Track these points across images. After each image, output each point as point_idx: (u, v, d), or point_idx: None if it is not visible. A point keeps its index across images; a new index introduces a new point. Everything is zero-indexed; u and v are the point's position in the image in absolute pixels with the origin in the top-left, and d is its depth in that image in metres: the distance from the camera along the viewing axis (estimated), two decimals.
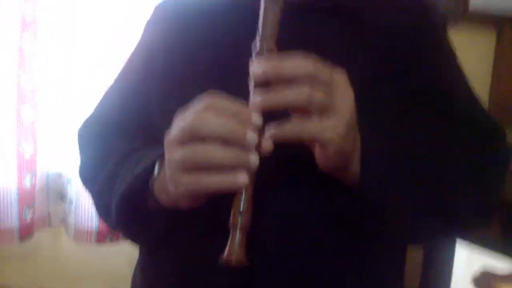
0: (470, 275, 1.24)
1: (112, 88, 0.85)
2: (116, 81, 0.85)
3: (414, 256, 1.40)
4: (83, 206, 1.57)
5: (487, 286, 1.21)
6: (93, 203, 0.77)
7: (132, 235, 0.71)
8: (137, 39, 0.85)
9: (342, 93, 0.52)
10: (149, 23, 0.82)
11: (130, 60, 0.84)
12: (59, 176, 1.64)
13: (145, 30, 0.83)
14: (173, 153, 0.53)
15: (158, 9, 0.82)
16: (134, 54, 0.83)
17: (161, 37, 0.76)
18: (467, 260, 1.24)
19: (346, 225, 0.62)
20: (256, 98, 0.51)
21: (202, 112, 0.51)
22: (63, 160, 1.61)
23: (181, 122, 0.53)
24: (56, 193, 1.65)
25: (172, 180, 0.53)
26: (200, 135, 0.51)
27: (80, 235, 1.59)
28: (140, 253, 0.78)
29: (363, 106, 0.56)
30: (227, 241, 0.51)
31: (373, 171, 0.57)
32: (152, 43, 0.78)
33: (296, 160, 0.59)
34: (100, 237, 1.60)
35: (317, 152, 0.54)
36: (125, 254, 1.74)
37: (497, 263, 1.18)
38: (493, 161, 0.71)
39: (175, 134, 0.53)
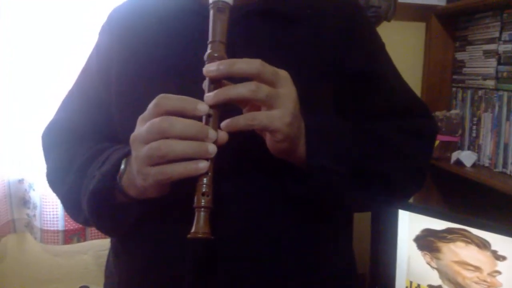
0: (412, 235, 1.35)
1: (71, 92, 0.87)
2: (75, 85, 0.87)
3: (364, 222, 1.51)
4: (48, 209, 1.60)
5: (426, 243, 1.32)
6: (63, 204, 0.80)
7: (106, 228, 0.74)
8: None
9: (286, 88, 0.58)
10: (103, 28, 0.84)
11: (87, 65, 0.86)
12: (20, 182, 1.65)
13: (100, 36, 0.85)
14: (140, 150, 0.57)
15: (111, 15, 0.84)
16: (91, 59, 0.85)
17: (115, 43, 0.79)
18: (409, 223, 1.35)
19: (300, 202, 0.68)
20: (209, 93, 0.58)
21: (159, 113, 0.56)
22: (23, 167, 1.62)
23: (145, 123, 0.57)
24: (19, 199, 1.66)
25: (140, 173, 0.58)
26: (166, 135, 0.55)
27: (47, 237, 1.61)
28: (112, 242, 0.83)
29: (306, 97, 0.61)
30: (192, 224, 0.56)
31: (316, 152, 0.64)
32: (106, 49, 0.80)
33: (253, 150, 0.65)
34: (67, 238, 1.63)
35: (268, 139, 0.61)
36: (92, 252, 1.78)
37: (433, 224, 1.30)
38: (421, 135, 0.79)
39: (141, 134, 0.57)
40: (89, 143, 0.77)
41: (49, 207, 1.59)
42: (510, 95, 1.56)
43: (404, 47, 1.88)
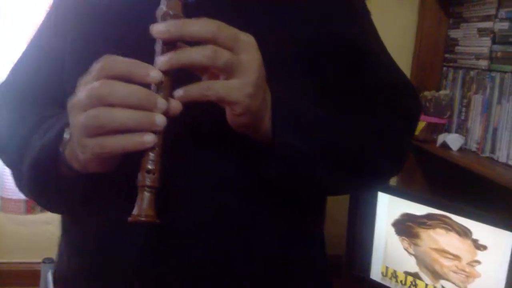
0: (391, 219, 1.31)
1: (25, 53, 0.81)
2: (29, 46, 0.81)
3: (341, 203, 1.46)
4: (9, 177, 1.53)
5: (405, 228, 1.29)
6: (11, 175, 0.74)
7: (46, 203, 0.69)
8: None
9: (249, 55, 0.52)
10: None
11: (42, 24, 0.80)
12: None
13: None
14: (77, 118, 0.52)
15: None
16: (46, 17, 0.80)
17: (71, 1, 0.73)
18: (388, 206, 1.31)
19: (262, 182, 0.63)
20: (160, 57, 0.51)
21: (104, 77, 0.50)
22: None
23: (84, 87, 0.51)
24: None
25: (79, 145, 0.53)
26: (107, 102, 0.50)
27: (8, 206, 1.56)
28: (61, 216, 0.76)
29: (277, 71, 0.56)
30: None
31: (282, 129, 0.58)
32: (62, 6, 0.76)
33: (213, 123, 0.58)
34: (29, 208, 1.57)
35: (227, 112, 0.55)
36: (57, 223, 1.72)
37: (413, 209, 1.26)
38: (402, 114, 0.74)
39: (79, 100, 0.52)
40: (38, 108, 0.71)
41: (10, 175, 1.52)
42: (503, 77, 1.50)
43: (396, 22, 1.83)
